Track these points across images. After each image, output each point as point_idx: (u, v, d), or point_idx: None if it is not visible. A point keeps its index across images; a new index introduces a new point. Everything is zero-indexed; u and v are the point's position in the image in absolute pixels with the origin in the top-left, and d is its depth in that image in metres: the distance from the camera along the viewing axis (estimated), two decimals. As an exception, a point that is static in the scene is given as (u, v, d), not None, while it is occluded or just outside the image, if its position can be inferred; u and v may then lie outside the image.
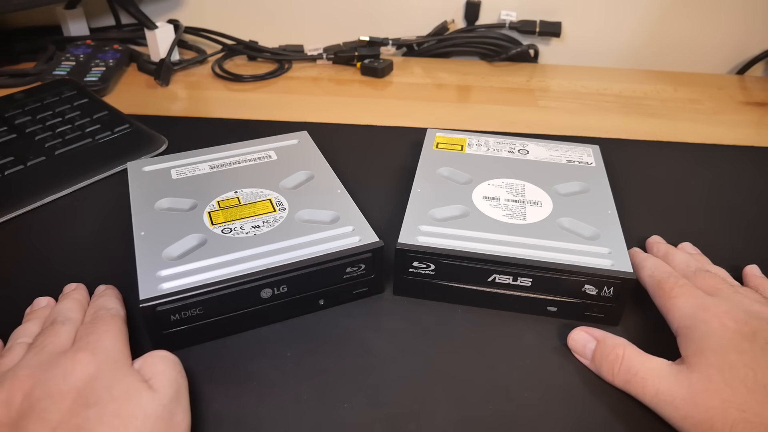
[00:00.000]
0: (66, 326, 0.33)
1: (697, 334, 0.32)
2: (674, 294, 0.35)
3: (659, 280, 0.37)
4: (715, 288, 0.35)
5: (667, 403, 0.31)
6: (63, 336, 0.32)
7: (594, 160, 0.48)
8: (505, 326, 0.38)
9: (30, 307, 0.37)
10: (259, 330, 0.37)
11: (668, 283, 0.36)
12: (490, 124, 0.62)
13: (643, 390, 0.32)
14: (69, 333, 0.32)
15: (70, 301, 0.36)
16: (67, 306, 0.35)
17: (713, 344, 0.31)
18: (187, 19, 0.78)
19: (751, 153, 0.59)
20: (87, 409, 0.27)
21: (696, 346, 0.32)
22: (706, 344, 0.31)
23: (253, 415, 0.32)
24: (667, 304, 0.35)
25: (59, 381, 0.28)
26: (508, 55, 0.77)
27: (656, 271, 0.37)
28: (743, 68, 0.79)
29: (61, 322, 0.33)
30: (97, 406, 0.27)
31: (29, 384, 0.28)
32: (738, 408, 0.28)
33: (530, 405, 0.33)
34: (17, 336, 0.33)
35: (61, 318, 0.33)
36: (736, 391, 0.29)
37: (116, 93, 0.67)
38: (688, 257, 0.40)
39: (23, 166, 0.50)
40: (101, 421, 0.27)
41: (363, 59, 0.74)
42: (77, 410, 0.27)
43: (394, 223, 0.43)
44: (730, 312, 0.32)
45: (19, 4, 0.65)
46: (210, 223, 0.39)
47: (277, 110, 0.64)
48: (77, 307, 0.35)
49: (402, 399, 0.33)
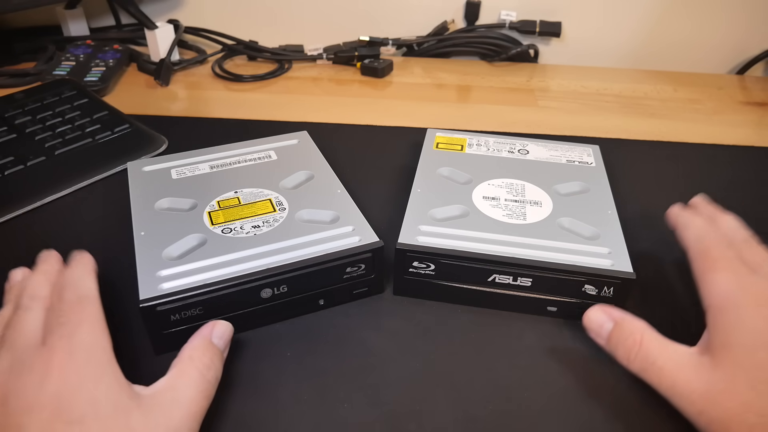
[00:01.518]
0: (33, 312, 0.30)
1: (728, 320, 0.30)
2: (718, 266, 0.32)
3: (706, 247, 0.34)
4: (759, 264, 0.32)
5: (684, 397, 0.29)
6: (30, 325, 0.29)
7: (594, 160, 0.48)
8: (505, 326, 0.38)
9: (6, 283, 0.35)
10: (259, 330, 0.37)
11: (715, 253, 0.33)
12: (490, 124, 0.62)
13: (659, 379, 0.30)
14: (37, 320, 0.30)
15: (38, 275, 0.33)
16: (34, 283, 0.32)
17: (743, 339, 0.29)
18: (187, 19, 0.78)
19: (751, 153, 0.59)
20: (69, 426, 0.25)
21: (724, 337, 0.30)
22: (735, 337, 0.29)
23: (253, 415, 0.32)
24: (707, 276, 0.32)
25: (35, 389, 0.26)
26: (508, 55, 0.77)
27: (705, 236, 0.35)
28: (743, 68, 0.79)
29: (26, 308, 0.30)
30: (80, 424, 0.25)
31: (4, 391, 0.26)
32: (758, 413, 0.27)
33: (530, 405, 0.33)
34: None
35: (26, 301, 0.31)
36: (759, 394, 0.27)
37: (116, 93, 0.67)
38: (737, 225, 0.37)
39: (23, 166, 0.50)
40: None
41: (363, 59, 0.74)
42: (58, 426, 0.25)
43: (394, 223, 0.43)
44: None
45: (19, 4, 0.65)
46: (210, 223, 0.39)
47: (277, 110, 0.64)
48: (45, 283, 0.32)
49: (402, 399, 0.33)
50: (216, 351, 0.32)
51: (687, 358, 0.30)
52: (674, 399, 0.30)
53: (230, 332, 0.34)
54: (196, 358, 0.30)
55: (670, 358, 0.31)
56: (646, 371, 0.31)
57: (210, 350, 0.31)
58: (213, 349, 0.32)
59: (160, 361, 0.34)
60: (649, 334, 0.32)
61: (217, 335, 0.33)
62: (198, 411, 0.29)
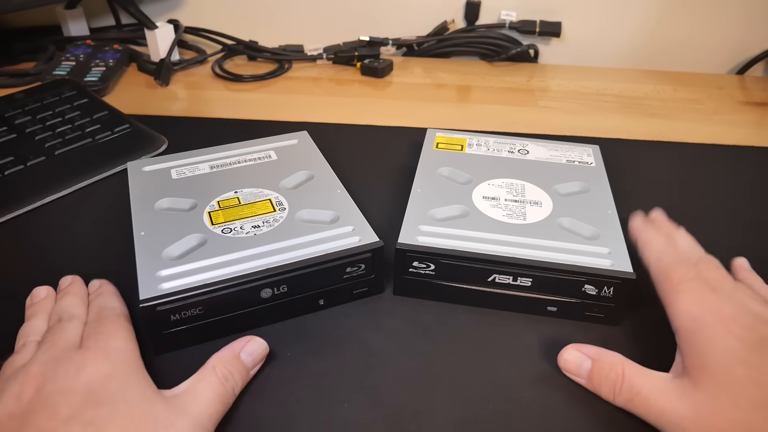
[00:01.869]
0: (73, 323, 0.33)
1: (700, 340, 0.31)
2: (681, 289, 0.33)
3: (667, 268, 0.35)
4: (718, 282, 0.34)
5: (674, 424, 0.29)
6: (71, 333, 0.32)
7: (594, 160, 0.48)
8: (505, 326, 0.38)
9: (29, 298, 0.37)
10: (259, 330, 0.37)
11: (677, 274, 0.34)
12: (490, 124, 0.62)
13: (647, 410, 0.31)
14: (76, 329, 0.33)
15: (72, 296, 0.36)
16: (70, 302, 0.35)
17: (718, 357, 0.30)
18: (187, 19, 0.78)
19: (751, 153, 0.59)
20: (99, 406, 0.27)
21: (699, 358, 0.30)
22: (711, 357, 0.30)
23: (253, 415, 0.32)
24: (671, 298, 0.33)
25: (71, 377, 0.29)
26: (508, 55, 0.77)
27: (665, 257, 0.36)
28: (743, 68, 0.79)
29: (67, 319, 0.33)
30: (111, 405, 0.28)
31: (41, 379, 0.29)
32: (745, 428, 0.28)
33: (530, 405, 0.33)
34: (26, 334, 0.34)
35: (66, 315, 0.34)
36: (743, 410, 0.28)
37: (116, 93, 0.67)
38: (692, 243, 0.38)
39: (23, 166, 0.50)
40: (113, 419, 0.27)
41: (363, 59, 0.74)
42: (89, 406, 0.27)
43: (394, 223, 0.43)
44: (735, 317, 0.31)
45: (19, 4, 0.65)
46: (210, 223, 0.39)
47: (277, 110, 0.64)
48: (80, 303, 0.36)
49: (402, 399, 0.33)
50: (240, 366, 0.32)
51: (669, 384, 0.31)
52: (665, 427, 0.30)
53: (263, 350, 0.34)
54: (218, 368, 0.32)
55: (654, 386, 0.31)
56: (632, 402, 0.31)
57: (233, 364, 0.32)
58: (237, 364, 0.32)
59: (160, 361, 0.34)
60: (630, 365, 0.32)
61: (248, 351, 0.33)
62: (214, 413, 0.30)
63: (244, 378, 0.33)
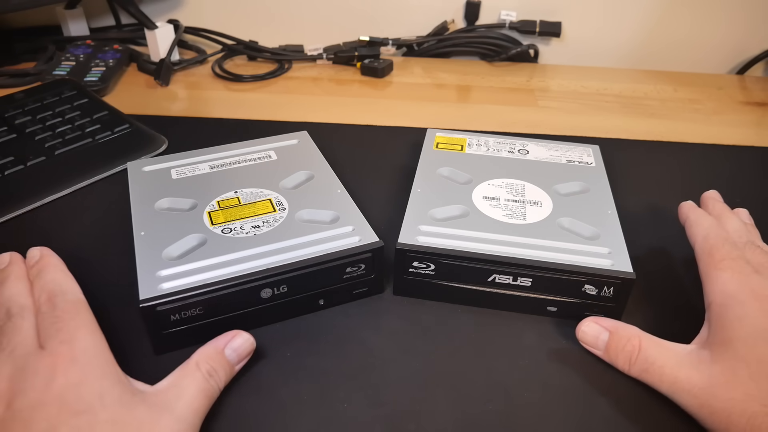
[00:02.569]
0: (25, 319, 0.30)
1: (732, 315, 0.31)
2: (723, 266, 0.33)
3: (712, 245, 0.35)
4: (762, 265, 0.34)
5: (685, 391, 0.30)
6: (27, 331, 0.30)
7: (594, 160, 0.48)
8: (505, 326, 0.38)
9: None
10: (259, 330, 0.37)
11: (720, 252, 0.34)
12: (490, 124, 0.62)
13: (661, 378, 0.31)
14: (30, 325, 0.30)
15: (16, 281, 0.33)
16: (15, 290, 0.32)
17: (744, 333, 0.30)
18: (187, 19, 0.78)
19: (751, 153, 0.59)
20: (76, 416, 0.26)
21: (726, 333, 0.30)
22: (737, 332, 0.30)
23: (253, 415, 0.32)
24: (712, 274, 0.34)
25: (40, 390, 0.27)
26: (508, 55, 0.77)
27: (711, 234, 0.36)
28: (743, 68, 0.79)
29: (18, 314, 0.31)
30: (88, 413, 0.26)
31: (9, 395, 0.27)
32: (760, 402, 0.28)
33: (530, 405, 0.33)
34: None
35: (15, 308, 0.31)
36: (760, 386, 0.28)
37: (116, 93, 0.67)
38: (742, 225, 0.38)
39: (23, 166, 0.50)
40: (93, 428, 0.26)
41: (363, 59, 0.74)
42: (65, 417, 0.26)
43: (394, 223, 0.43)
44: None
45: (19, 4, 0.65)
46: (210, 223, 0.39)
47: (277, 110, 0.64)
48: (26, 290, 0.33)
49: (402, 399, 0.33)
50: (224, 362, 0.32)
51: (686, 355, 0.31)
52: (676, 395, 0.31)
53: (249, 346, 0.33)
54: (202, 364, 0.31)
55: (670, 357, 0.32)
56: (647, 372, 0.32)
57: (217, 360, 0.32)
58: (221, 359, 0.32)
59: (160, 361, 0.34)
60: (647, 337, 0.33)
61: (233, 347, 0.33)
62: (199, 407, 0.29)
63: (228, 373, 0.32)
